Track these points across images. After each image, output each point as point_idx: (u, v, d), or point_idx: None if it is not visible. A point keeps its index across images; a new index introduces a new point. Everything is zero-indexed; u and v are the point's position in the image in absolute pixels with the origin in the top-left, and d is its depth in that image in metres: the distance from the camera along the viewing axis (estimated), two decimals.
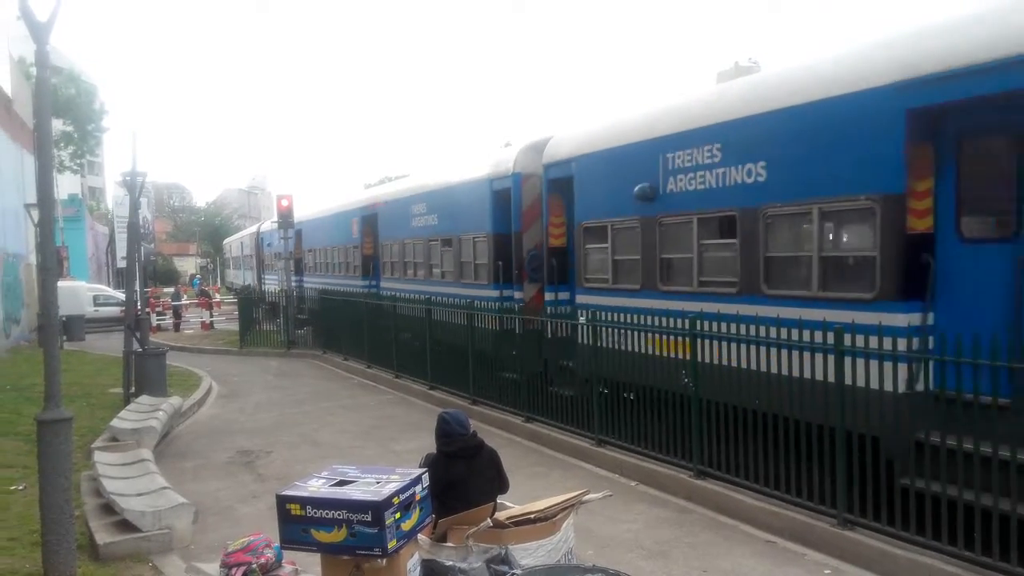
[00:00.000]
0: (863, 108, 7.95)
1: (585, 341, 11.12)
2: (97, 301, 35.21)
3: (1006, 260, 7.02)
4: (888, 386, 7.02)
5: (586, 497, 5.92)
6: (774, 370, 8.05)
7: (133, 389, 14.10)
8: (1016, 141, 7.03)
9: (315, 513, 4.58)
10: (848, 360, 7.27)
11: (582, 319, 11.27)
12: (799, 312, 8.19)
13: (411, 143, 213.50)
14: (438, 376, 15.76)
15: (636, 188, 11.08)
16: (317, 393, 17.38)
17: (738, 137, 9.60)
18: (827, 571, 6.90)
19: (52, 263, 6.81)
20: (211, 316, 34.82)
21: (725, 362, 8.70)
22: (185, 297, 38.97)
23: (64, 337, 26.29)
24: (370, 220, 22.97)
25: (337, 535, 4.55)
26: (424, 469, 5.19)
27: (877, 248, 7.82)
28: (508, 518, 5.58)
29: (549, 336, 12.42)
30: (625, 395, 10.53)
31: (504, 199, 15.09)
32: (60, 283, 7.02)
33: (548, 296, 13.92)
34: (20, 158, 29.31)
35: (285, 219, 26.13)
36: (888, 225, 7.71)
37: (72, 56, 51.29)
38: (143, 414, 12.19)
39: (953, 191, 7.48)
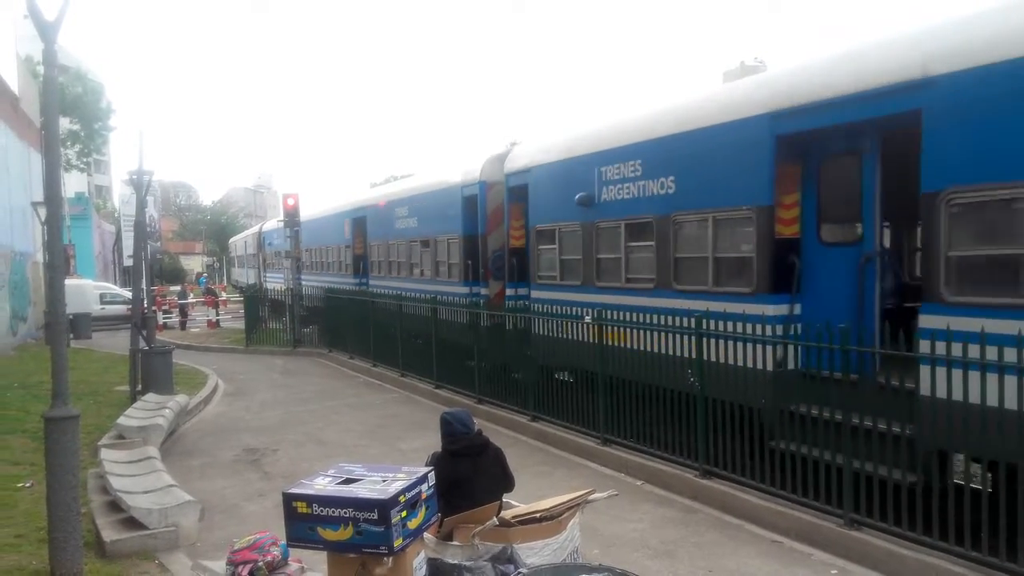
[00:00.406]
0: (743, 133, 9.52)
1: (538, 332, 12.66)
2: (104, 299, 35.26)
3: (852, 261, 8.52)
4: (760, 365, 8.34)
5: (592, 496, 5.91)
6: (662, 350, 9.70)
7: (139, 387, 14.13)
8: (859, 163, 8.46)
9: (322, 511, 4.58)
10: (711, 341, 8.91)
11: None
12: (704, 304, 9.65)
13: (417, 141, 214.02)
14: (444, 375, 15.77)
15: (577, 196, 12.68)
16: (323, 391, 17.40)
17: (654, 154, 11.23)
18: (834, 571, 6.89)
19: (60, 261, 6.82)
20: (217, 314, 34.88)
21: (628, 345, 10.43)
22: (191, 295, 39.02)
23: (71, 335, 26.34)
24: (360, 222, 24.56)
25: (343, 533, 4.56)
26: (430, 468, 5.19)
27: (754, 250, 9.32)
28: (514, 517, 5.57)
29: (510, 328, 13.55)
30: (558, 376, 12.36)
31: (472, 204, 16.67)
32: (67, 281, 7.02)
33: (509, 292, 15.51)
34: (27, 156, 29.38)
35: (291, 218, 26.18)
36: (762, 231, 9.23)
37: (79, 55, 51.52)
38: (149, 412, 12.21)
39: (815, 203, 9.04)
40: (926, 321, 7.19)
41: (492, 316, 14.09)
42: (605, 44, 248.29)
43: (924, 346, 6.79)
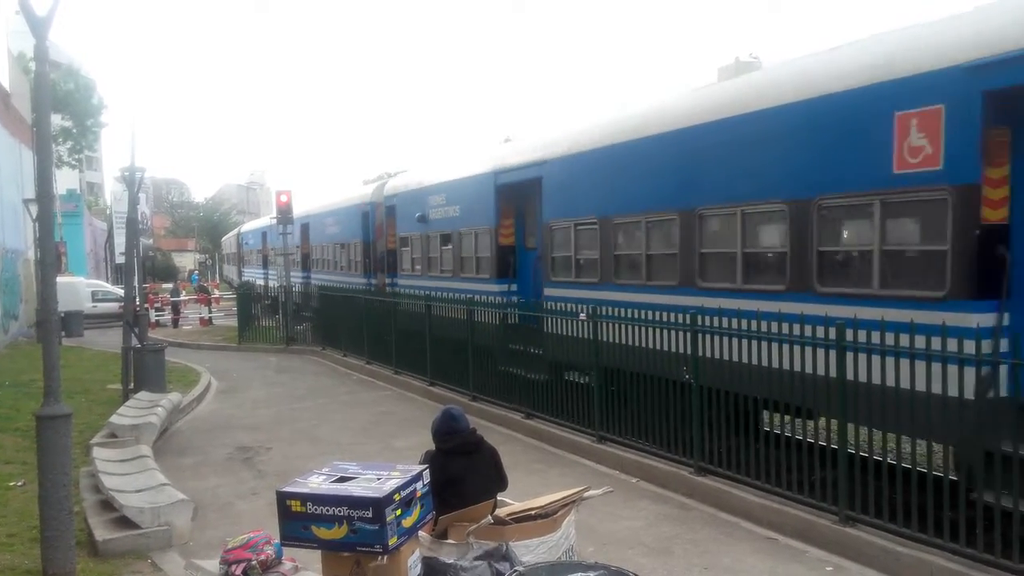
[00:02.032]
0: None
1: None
2: (96, 297, 35.12)
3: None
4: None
5: (587, 494, 5.91)
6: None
7: (132, 385, 14.06)
8: None
9: (316, 510, 4.56)
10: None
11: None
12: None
13: (411, 138, 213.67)
14: (438, 372, 15.75)
15: (417, 215, 18.77)
16: (316, 389, 17.37)
17: (452, 191, 17.39)
18: (828, 568, 6.89)
19: (51, 258, 6.78)
20: (210, 312, 34.78)
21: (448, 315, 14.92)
22: (184, 293, 38.88)
23: (63, 333, 26.24)
24: (305, 228, 30.60)
25: (338, 532, 4.53)
26: (425, 466, 5.16)
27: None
28: (509, 515, 5.56)
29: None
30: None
31: (368, 219, 23.21)
32: (59, 279, 6.98)
33: (388, 280, 21.76)
34: (19, 153, 29.25)
35: (284, 215, 26.10)
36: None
37: (71, 51, 51.26)
38: (142, 410, 12.17)
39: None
40: None
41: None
42: (604, 42, 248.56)
43: None
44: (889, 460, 6.98)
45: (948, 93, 7.19)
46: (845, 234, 8.47)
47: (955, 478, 6.86)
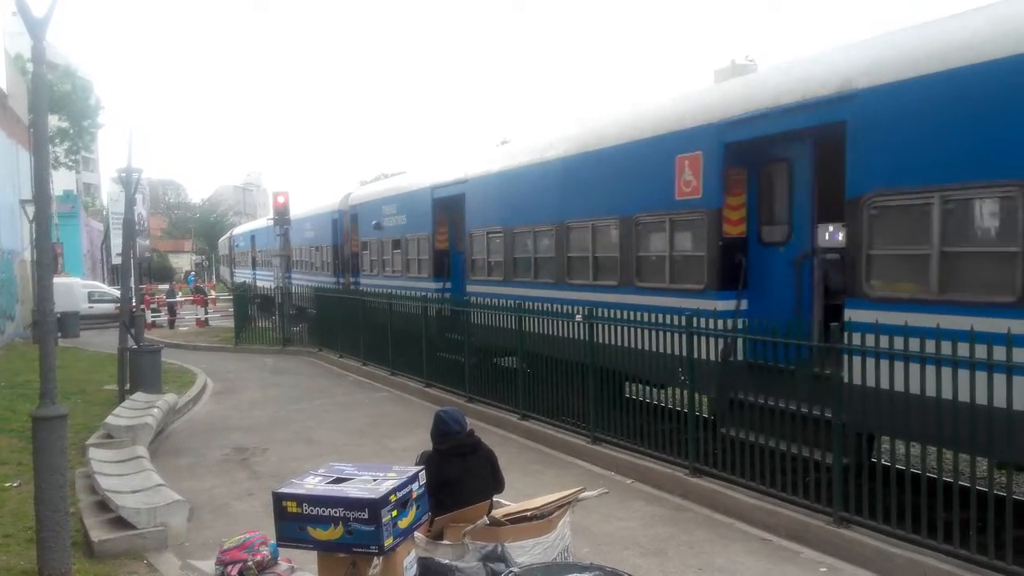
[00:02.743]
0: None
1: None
2: (92, 298, 35.08)
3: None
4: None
5: (582, 495, 5.92)
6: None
7: (128, 386, 14.05)
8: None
9: (312, 511, 4.57)
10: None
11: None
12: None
13: (408, 139, 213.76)
14: (434, 373, 15.77)
15: (373, 223, 21.79)
16: (312, 390, 17.37)
17: (400, 203, 20.14)
18: (823, 569, 6.91)
19: (48, 259, 6.78)
20: (206, 313, 34.77)
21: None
22: (180, 294, 38.85)
23: (59, 334, 26.21)
24: (285, 232, 31.80)
25: (334, 533, 4.54)
26: (421, 467, 5.17)
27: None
28: (504, 516, 5.58)
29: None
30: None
31: (336, 225, 26.01)
32: (55, 280, 6.98)
33: (352, 280, 24.39)
34: (15, 154, 29.21)
35: (281, 216, 26.10)
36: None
37: (67, 52, 51.21)
38: (138, 411, 12.16)
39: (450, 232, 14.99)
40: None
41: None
42: (603, 42, 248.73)
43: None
44: (883, 462, 7.01)
45: (704, 143, 10.00)
46: (651, 243, 11.13)
47: (949, 480, 6.88)
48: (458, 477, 5.68)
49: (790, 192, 9.55)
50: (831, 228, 8.89)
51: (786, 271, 9.49)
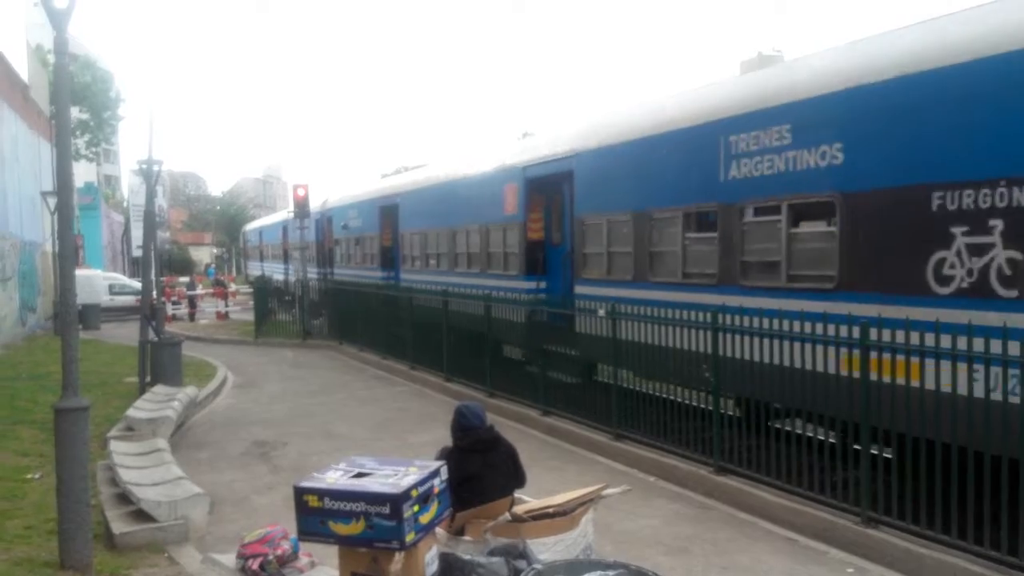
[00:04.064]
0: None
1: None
2: (112, 290, 35.21)
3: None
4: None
5: (605, 492, 5.85)
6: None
7: (148, 378, 14.07)
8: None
9: (333, 505, 4.52)
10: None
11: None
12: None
13: (428, 132, 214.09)
14: (454, 368, 15.73)
15: (342, 224, 27.05)
16: (332, 384, 17.38)
17: (360, 209, 25.49)
18: (850, 570, 6.81)
19: (70, 251, 6.77)
20: (226, 306, 34.86)
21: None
22: (200, 287, 38.99)
23: (80, 326, 26.31)
24: (285, 229, 37.50)
25: (355, 527, 4.49)
26: (442, 462, 5.11)
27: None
28: (526, 512, 5.52)
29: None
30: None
31: (319, 224, 30.11)
32: (77, 271, 6.97)
33: (329, 271, 28.74)
34: (37, 146, 29.36)
35: (301, 208, 26.11)
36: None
37: (88, 43, 51.47)
38: (158, 404, 12.17)
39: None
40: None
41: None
42: (621, 34, 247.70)
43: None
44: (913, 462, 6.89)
45: (516, 178, 15.11)
46: (491, 243, 16.24)
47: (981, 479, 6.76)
48: (478, 473, 5.62)
49: (562, 212, 14.46)
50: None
51: (561, 263, 14.26)
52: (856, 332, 7.27)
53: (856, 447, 7.42)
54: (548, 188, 14.61)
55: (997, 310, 6.78)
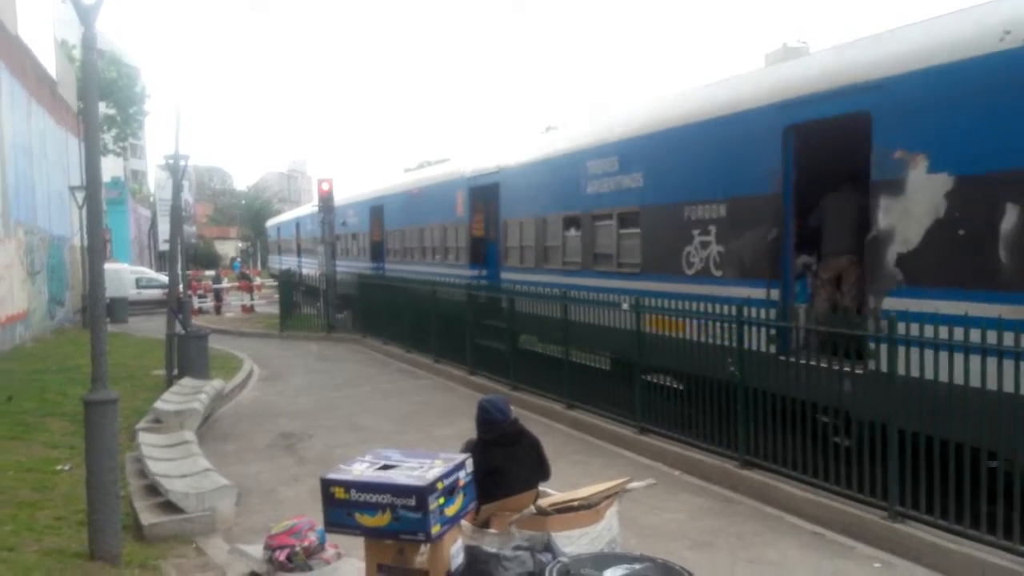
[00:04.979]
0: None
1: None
2: (140, 283, 35.50)
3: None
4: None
5: (629, 485, 5.84)
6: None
7: (176, 371, 14.18)
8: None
9: (359, 497, 4.55)
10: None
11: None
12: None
13: (452, 125, 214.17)
14: (478, 361, 15.75)
15: (341, 221, 29.27)
16: (357, 377, 17.45)
17: (357, 207, 29.23)
18: (877, 564, 6.76)
19: (99, 245, 6.82)
20: (252, 299, 35.06)
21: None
22: (226, 280, 39.22)
23: (108, 319, 26.52)
24: (299, 225, 41.94)
25: (381, 519, 4.52)
26: (467, 455, 5.13)
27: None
28: (551, 505, 5.52)
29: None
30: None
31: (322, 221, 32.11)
32: (105, 266, 7.03)
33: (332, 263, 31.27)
34: (64, 141, 29.61)
35: (326, 203, 26.20)
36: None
37: (113, 38, 51.83)
38: (186, 396, 12.27)
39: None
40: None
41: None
42: (650, 24, 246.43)
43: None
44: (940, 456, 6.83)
45: (463, 188, 18.75)
46: (447, 238, 20.08)
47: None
48: (501, 466, 5.62)
49: (496, 215, 17.15)
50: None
51: (495, 255, 17.32)
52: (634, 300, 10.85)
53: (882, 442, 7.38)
54: (485, 195, 17.82)
55: (712, 283, 10.30)
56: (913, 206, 7.59)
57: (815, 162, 9.17)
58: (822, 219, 9.39)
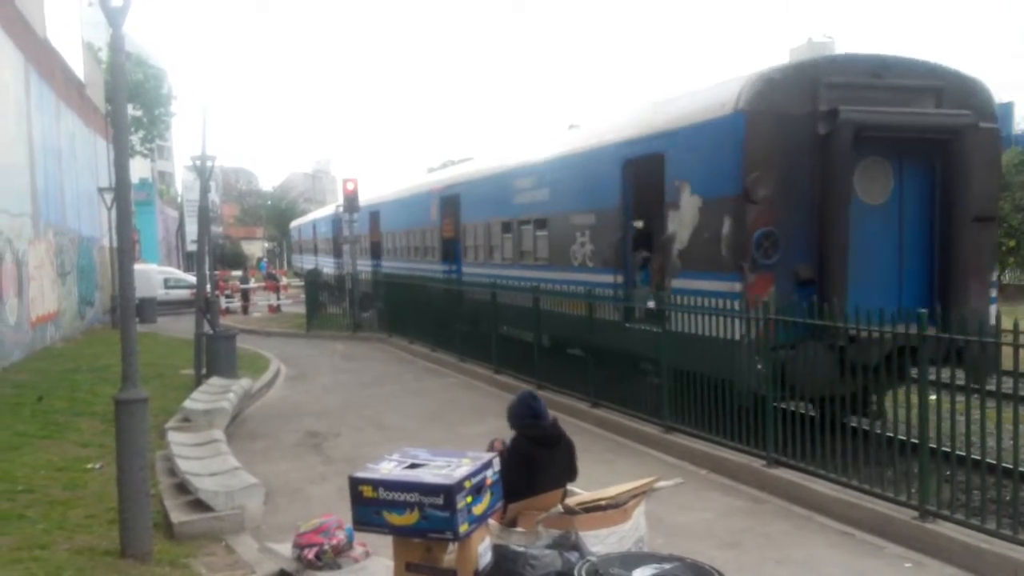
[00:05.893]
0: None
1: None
2: (168, 284, 35.80)
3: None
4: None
5: (657, 484, 5.81)
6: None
7: (204, 371, 14.29)
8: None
9: (387, 495, 4.56)
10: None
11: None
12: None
13: (476, 124, 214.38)
14: (503, 360, 15.75)
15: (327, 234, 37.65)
16: (383, 376, 17.51)
17: (364, 211, 28.93)
18: (907, 565, 6.70)
19: (128, 246, 6.89)
20: (278, 299, 35.25)
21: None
22: (252, 280, 39.46)
23: (137, 319, 26.71)
24: (314, 228, 45.85)
25: (409, 518, 4.53)
26: (494, 454, 5.14)
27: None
28: (578, 504, 5.51)
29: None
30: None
31: (338, 225, 32.43)
32: (134, 266, 7.10)
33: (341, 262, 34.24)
34: (93, 142, 29.89)
35: (351, 203, 26.28)
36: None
37: (139, 40, 52.25)
38: (214, 395, 12.36)
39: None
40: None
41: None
42: (675, 20, 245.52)
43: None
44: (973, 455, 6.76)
45: (436, 198, 22.35)
46: (424, 239, 23.89)
47: None
48: (542, 467, 5.67)
49: (458, 220, 20.18)
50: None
51: (459, 252, 20.25)
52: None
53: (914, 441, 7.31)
54: (452, 204, 20.94)
55: (587, 272, 13.58)
56: (684, 218, 10.88)
57: (642, 186, 12.62)
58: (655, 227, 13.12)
